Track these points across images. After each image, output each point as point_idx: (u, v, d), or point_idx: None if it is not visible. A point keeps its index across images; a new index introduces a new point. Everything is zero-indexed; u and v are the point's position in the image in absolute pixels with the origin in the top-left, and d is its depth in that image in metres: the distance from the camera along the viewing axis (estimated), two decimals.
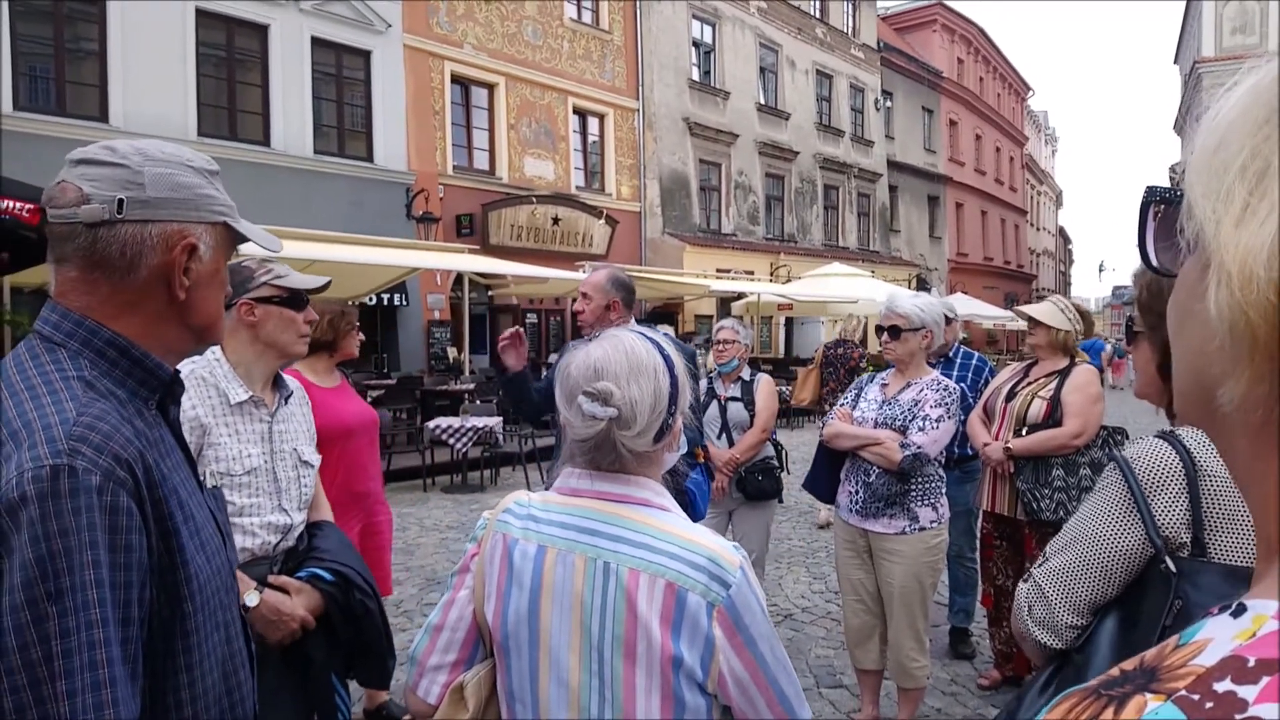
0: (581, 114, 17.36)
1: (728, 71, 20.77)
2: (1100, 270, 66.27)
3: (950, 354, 4.33)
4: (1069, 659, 1.42)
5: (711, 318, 18.51)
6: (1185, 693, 0.37)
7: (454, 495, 8.32)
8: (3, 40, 9.88)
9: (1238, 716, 0.34)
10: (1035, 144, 48.91)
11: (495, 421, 8.43)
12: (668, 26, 19.06)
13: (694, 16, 19.84)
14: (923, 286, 25.30)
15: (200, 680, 1.01)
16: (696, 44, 20.07)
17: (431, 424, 8.42)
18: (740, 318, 8.04)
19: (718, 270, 18.30)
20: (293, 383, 2.21)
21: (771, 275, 20.49)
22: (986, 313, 22.39)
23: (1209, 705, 0.35)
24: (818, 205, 24.21)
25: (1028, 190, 43.17)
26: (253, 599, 1.79)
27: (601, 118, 17.76)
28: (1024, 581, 1.52)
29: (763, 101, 22.07)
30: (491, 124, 15.63)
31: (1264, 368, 0.38)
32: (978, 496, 3.73)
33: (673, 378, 1.22)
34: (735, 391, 4.03)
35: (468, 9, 14.98)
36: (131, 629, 0.90)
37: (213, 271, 1.10)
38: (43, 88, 10.56)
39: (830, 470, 3.30)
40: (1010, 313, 23.17)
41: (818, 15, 24.30)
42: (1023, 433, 3.44)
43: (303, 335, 2.14)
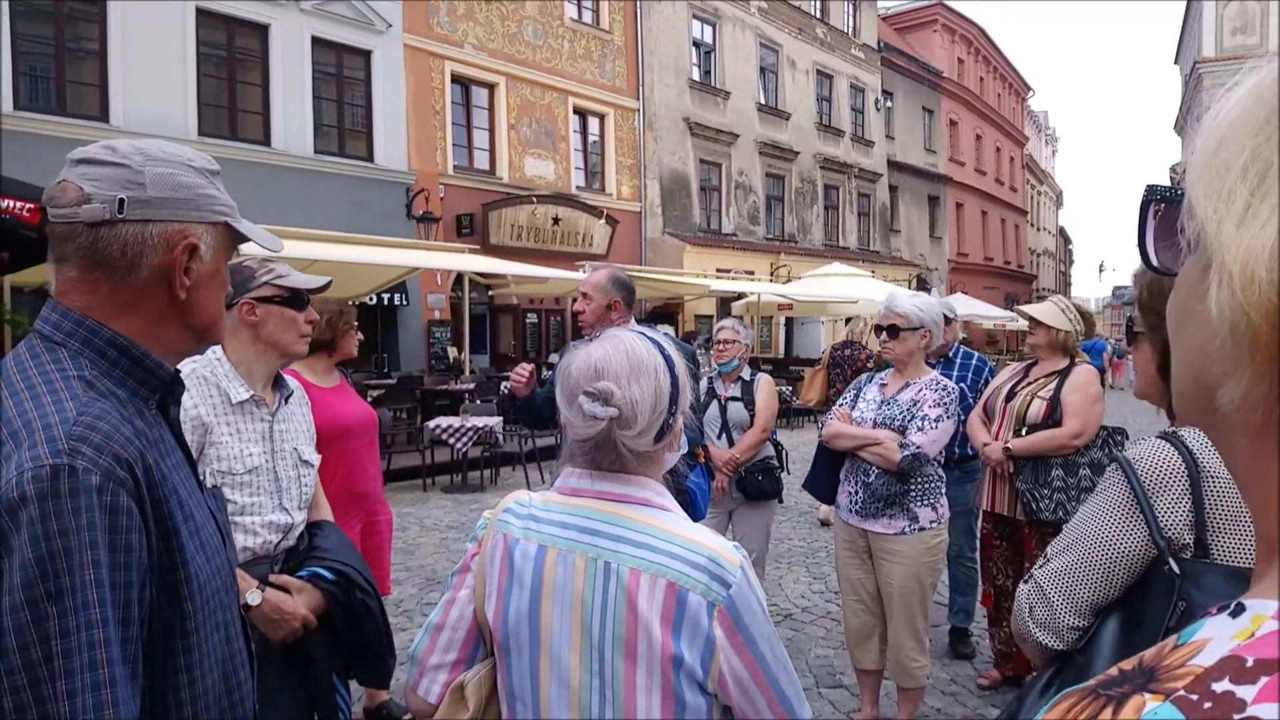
0: (582, 114, 17.35)
1: (728, 71, 20.77)
2: (1100, 270, 66.29)
3: (950, 354, 4.34)
4: (1070, 660, 1.41)
5: (711, 318, 18.51)
6: (1184, 693, 0.37)
7: (454, 495, 8.32)
8: (3, 40, 9.88)
9: (1236, 716, 0.34)
10: (1035, 144, 48.90)
11: (495, 421, 8.43)
12: (668, 26, 19.06)
13: (694, 16, 19.83)
14: (923, 286, 25.29)
15: (200, 680, 1.01)
16: (697, 44, 20.07)
17: (431, 424, 8.43)
18: (740, 318, 8.03)
19: (718, 270, 18.29)
20: (293, 382, 2.21)
21: (772, 275, 20.49)
22: (986, 313, 22.38)
23: (1207, 705, 0.35)
24: (818, 205, 24.21)
25: (1028, 190, 43.16)
26: (255, 598, 1.80)
27: (602, 118, 17.76)
28: (1025, 583, 1.51)
29: (763, 101, 22.06)
30: (492, 124, 15.63)
31: (1265, 368, 0.38)
32: (978, 496, 3.73)
33: (673, 378, 1.22)
34: (735, 391, 4.03)
35: (468, 9, 14.98)
36: (131, 629, 0.90)
37: (213, 271, 1.10)
38: (43, 87, 10.56)
39: (830, 470, 3.30)
40: (1010, 313, 23.20)
41: (818, 15, 24.30)
42: (1022, 433, 3.44)
43: (304, 335, 2.15)
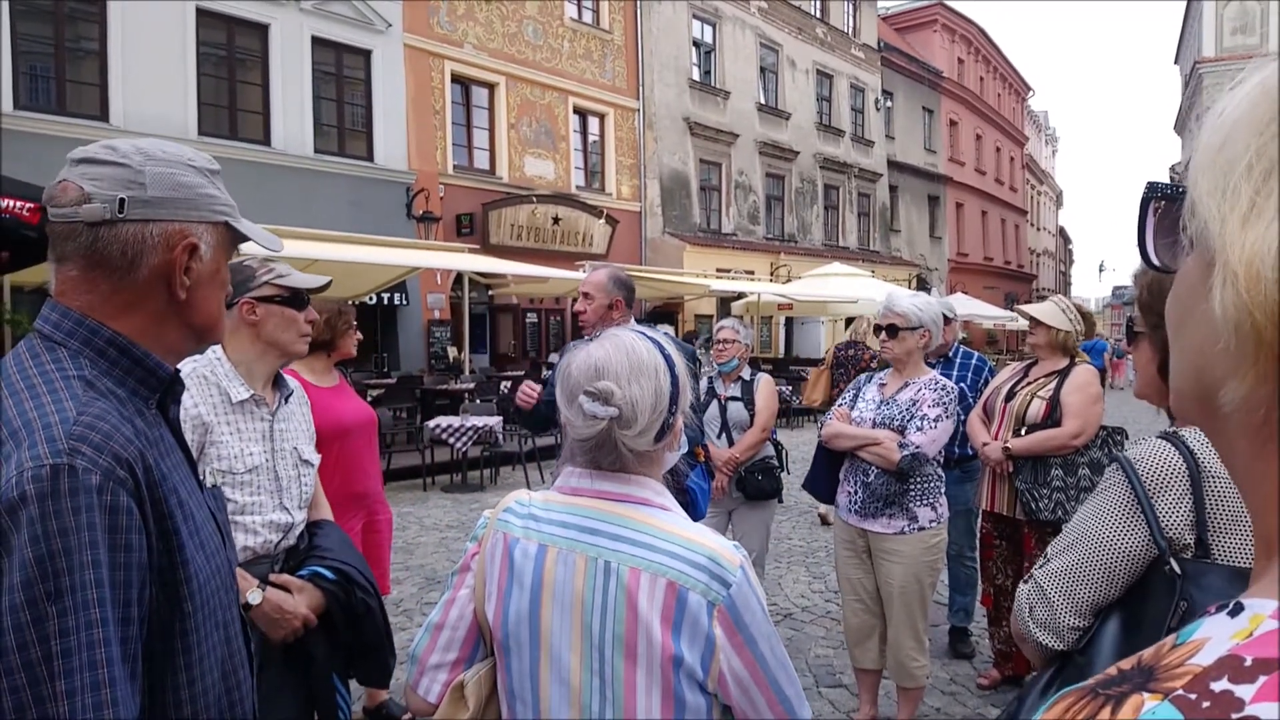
0: (582, 114, 17.35)
1: (728, 71, 20.76)
2: (1100, 270, 66.29)
3: (950, 354, 4.34)
4: (1071, 660, 1.41)
5: (711, 318, 18.51)
6: (1182, 692, 0.37)
7: (454, 494, 8.32)
8: (3, 39, 9.88)
9: (1234, 716, 0.34)
10: (1035, 144, 48.89)
11: (495, 421, 8.43)
12: (668, 26, 19.05)
13: (694, 16, 19.82)
14: (923, 286, 25.29)
15: (200, 680, 1.01)
16: (697, 44, 20.06)
17: (431, 423, 8.43)
18: (740, 317, 8.03)
19: (718, 270, 18.29)
20: (292, 382, 2.21)
21: (771, 275, 20.49)
22: (986, 313, 22.38)
23: (1206, 705, 0.35)
24: (818, 205, 24.20)
25: (1028, 190, 43.15)
26: (255, 597, 1.80)
27: (602, 117, 17.75)
28: (1025, 583, 1.51)
29: (763, 101, 22.05)
30: (492, 123, 15.63)
31: (1268, 368, 0.38)
32: (978, 496, 3.73)
33: (673, 377, 1.22)
34: (735, 391, 4.03)
35: (468, 9, 14.97)
36: (131, 629, 0.90)
37: (213, 271, 1.10)
38: (43, 87, 10.56)
39: (830, 470, 3.30)
40: (1010, 313, 23.21)
41: (818, 15, 24.29)
42: (1022, 432, 3.44)
43: (304, 334, 2.16)
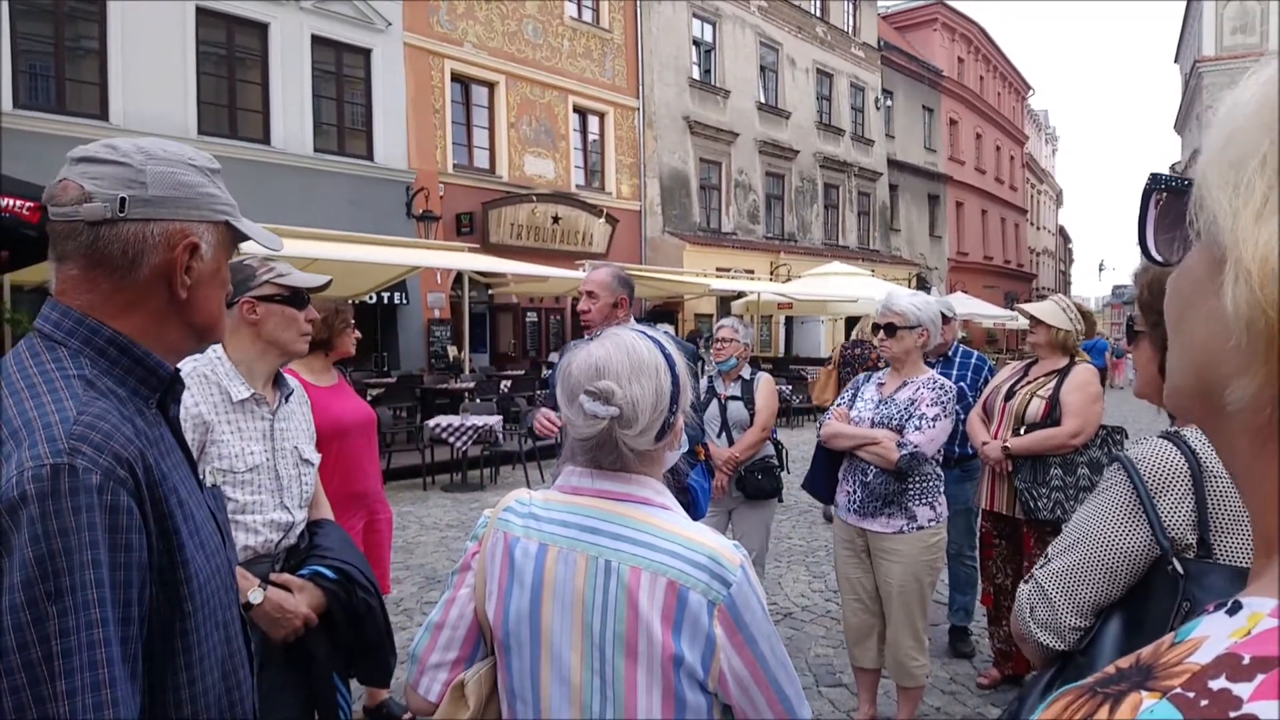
0: (582, 112, 17.34)
1: (728, 70, 20.75)
2: (1100, 270, 66.34)
3: (950, 353, 4.34)
4: (1071, 660, 1.40)
5: (711, 317, 18.51)
6: (1181, 690, 0.37)
7: (454, 494, 8.32)
8: (3, 38, 9.87)
9: (1233, 714, 0.34)
10: (1035, 143, 48.86)
11: (495, 420, 8.43)
12: (668, 25, 19.04)
13: (694, 15, 19.81)
14: (923, 285, 25.30)
15: (200, 680, 1.01)
16: (697, 43, 20.05)
17: (431, 422, 8.42)
18: (740, 316, 8.05)
19: (718, 269, 18.29)
20: (293, 381, 2.21)
21: (771, 274, 20.49)
22: (986, 312, 22.39)
23: (1204, 703, 0.35)
24: (818, 204, 24.20)
25: (1028, 189, 43.13)
26: (256, 596, 1.80)
27: (602, 116, 17.75)
28: (1025, 582, 1.50)
29: (763, 100, 22.04)
30: (492, 122, 15.62)
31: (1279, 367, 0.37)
32: (977, 495, 3.74)
33: (674, 376, 1.22)
34: (735, 390, 4.03)
35: (468, 8, 14.96)
36: (131, 629, 0.90)
37: (214, 270, 1.10)
38: (43, 86, 10.55)
39: (829, 470, 3.30)
40: (1010, 312, 23.20)
41: (818, 14, 24.28)
42: (1021, 432, 3.44)
43: (304, 334, 2.16)
